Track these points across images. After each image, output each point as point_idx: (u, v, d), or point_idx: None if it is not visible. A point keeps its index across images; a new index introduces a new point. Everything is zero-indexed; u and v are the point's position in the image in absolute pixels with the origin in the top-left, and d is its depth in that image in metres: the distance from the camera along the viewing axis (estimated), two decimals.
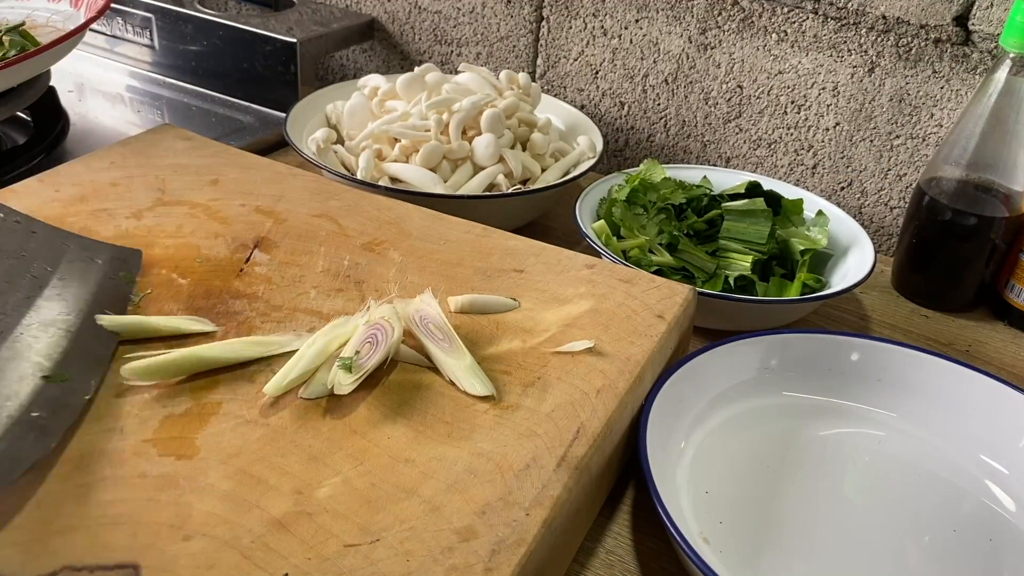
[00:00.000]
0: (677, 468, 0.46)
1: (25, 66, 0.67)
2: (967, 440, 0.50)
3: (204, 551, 0.34)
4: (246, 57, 0.86)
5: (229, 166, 0.61)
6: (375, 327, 0.45)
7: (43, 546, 0.34)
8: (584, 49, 0.83)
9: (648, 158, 0.73)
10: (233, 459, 0.38)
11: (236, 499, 0.36)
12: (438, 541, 0.35)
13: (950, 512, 0.46)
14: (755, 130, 0.78)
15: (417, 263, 0.52)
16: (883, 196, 0.75)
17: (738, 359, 0.51)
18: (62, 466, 0.37)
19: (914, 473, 0.48)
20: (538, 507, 0.37)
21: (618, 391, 0.44)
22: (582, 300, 0.50)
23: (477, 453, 0.39)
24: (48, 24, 0.80)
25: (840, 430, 0.51)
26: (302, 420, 0.41)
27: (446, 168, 0.68)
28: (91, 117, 0.83)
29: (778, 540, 0.44)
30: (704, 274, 0.61)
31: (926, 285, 0.66)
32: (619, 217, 0.63)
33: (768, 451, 0.49)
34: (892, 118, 0.71)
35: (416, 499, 0.37)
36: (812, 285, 0.61)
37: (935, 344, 0.62)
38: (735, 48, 0.76)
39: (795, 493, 0.46)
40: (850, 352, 0.53)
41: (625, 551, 0.44)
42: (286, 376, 0.42)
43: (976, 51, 0.67)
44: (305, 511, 0.36)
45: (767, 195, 0.65)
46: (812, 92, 0.74)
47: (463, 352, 0.44)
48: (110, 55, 0.95)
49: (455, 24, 0.89)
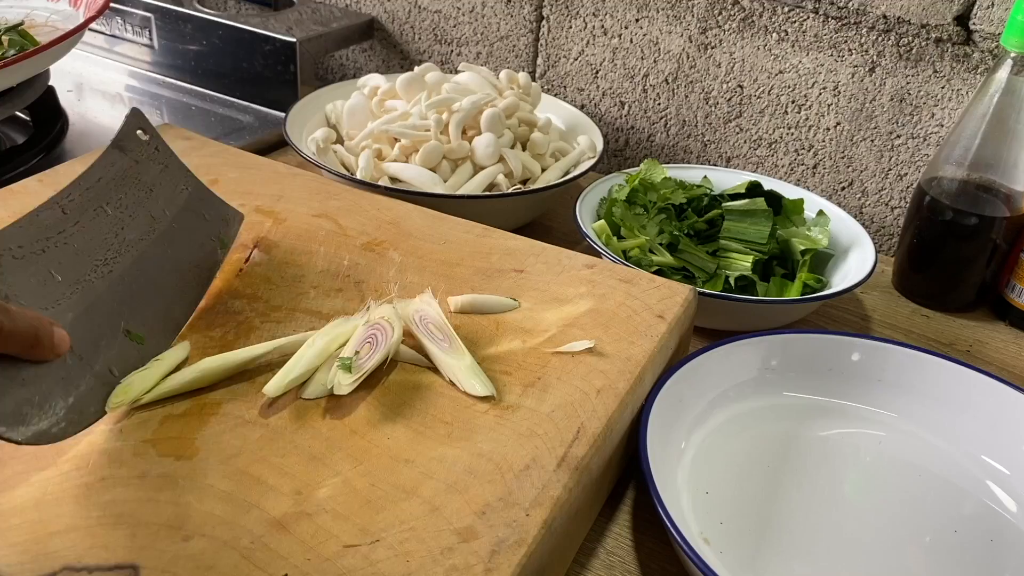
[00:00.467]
0: (677, 468, 0.46)
1: (24, 65, 0.67)
2: (968, 440, 0.50)
3: (203, 552, 0.34)
4: (246, 57, 0.86)
5: (228, 166, 0.61)
6: (375, 327, 0.45)
7: (42, 547, 0.34)
8: (584, 49, 0.83)
9: (648, 158, 0.73)
10: (233, 459, 0.38)
11: (236, 499, 0.36)
12: (438, 542, 0.35)
13: (951, 513, 0.46)
14: (756, 130, 0.78)
15: (417, 263, 0.52)
16: (884, 196, 0.75)
17: (738, 359, 0.51)
18: (62, 466, 0.37)
19: (915, 474, 0.48)
20: (538, 507, 0.37)
21: (618, 391, 0.44)
22: (582, 300, 0.50)
23: (477, 453, 0.39)
24: (47, 23, 0.80)
25: (841, 430, 0.51)
26: (302, 420, 0.41)
27: (446, 168, 0.67)
28: (90, 117, 0.83)
29: (779, 541, 0.43)
30: (704, 274, 0.61)
31: (927, 285, 0.66)
32: (619, 217, 0.63)
33: (769, 451, 0.49)
34: (893, 118, 0.71)
35: (416, 499, 0.37)
36: (813, 285, 0.61)
37: (936, 344, 0.62)
38: (735, 48, 0.76)
39: (796, 494, 0.46)
40: (851, 352, 0.53)
41: (625, 551, 0.44)
42: (286, 377, 0.42)
43: (977, 51, 0.67)
44: (305, 511, 0.36)
45: (768, 195, 0.65)
46: (813, 92, 0.74)
47: (463, 352, 0.44)
48: (109, 55, 0.95)
49: (455, 24, 0.89)
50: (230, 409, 0.41)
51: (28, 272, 0.38)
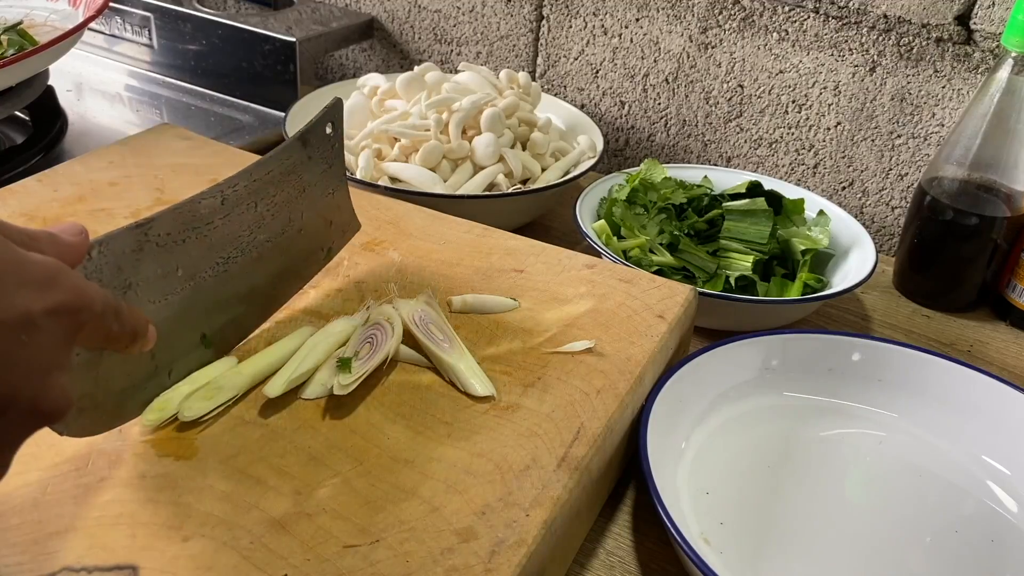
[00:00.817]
0: (678, 469, 0.46)
1: (23, 65, 0.67)
2: (969, 441, 0.50)
3: (203, 552, 0.34)
4: (245, 56, 0.85)
5: (228, 166, 0.61)
6: (374, 327, 0.45)
7: (41, 547, 0.34)
8: (584, 48, 0.83)
9: (648, 158, 0.72)
10: (232, 460, 0.38)
11: (235, 500, 0.36)
12: (438, 542, 0.35)
13: (951, 513, 0.46)
14: (756, 129, 0.78)
15: (417, 263, 0.52)
16: (884, 196, 0.75)
17: (739, 359, 0.51)
18: (61, 466, 0.37)
19: (915, 474, 0.48)
20: (538, 508, 0.37)
21: (618, 391, 0.44)
22: (582, 300, 0.50)
23: (477, 454, 0.39)
24: (46, 23, 0.80)
25: (841, 431, 0.51)
26: (301, 420, 0.41)
27: (446, 168, 0.67)
28: (89, 117, 0.83)
29: (779, 541, 0.43)
30: (705, 274, 0.61)
31: (927, 285, 0.66)
32: (619, 217, 0.63)
33: (769, 451, 0.49)
34: (893, 117, 0.71)
35: (416, 500, 0.37)
36: (813, 285, 0.61)
37: (936, 344, 0.62)
38: (736, 47, 0.76)
39: (796, 494, 0.46)
40: (851, 352, 0.53)
41: (625, 552, 0.44)
42: (285, 377, 0.42)
43: (978, 50, 0.67)
44: (304, 512, 0.36)
45: (768, 195, 0.65)
46: (813, 91, 0.74)
47: (463, 352, 0.44)
48: (109, 54, 0.94)
49: (455, 23, 0.89)
50: (229, 409, 0.41)
51: (159, 262, 0.37)
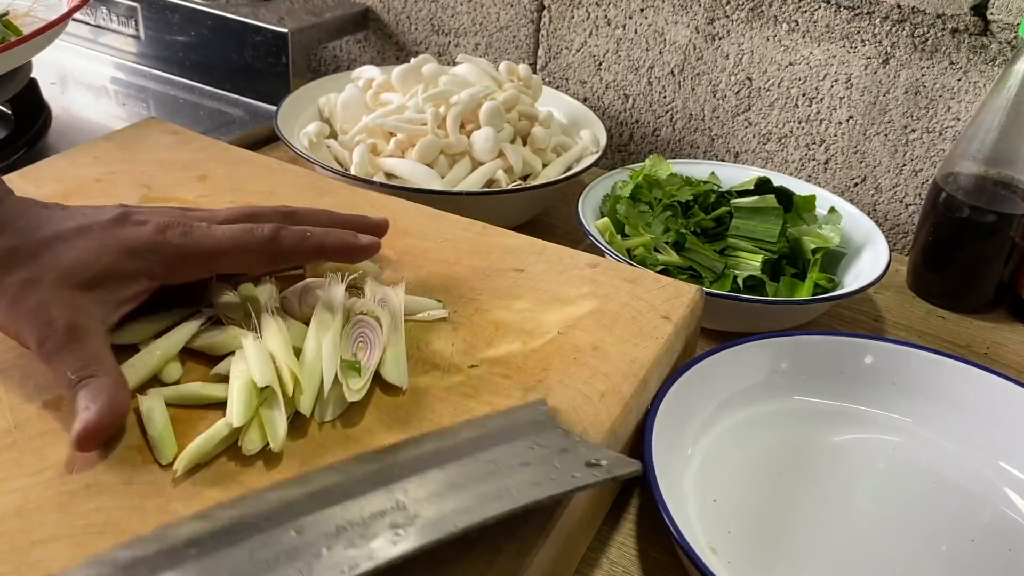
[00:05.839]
0: (684, 475, 0.46)
1: (5, 57, 0.67)
2: (985, 446, 0.49)
3: None
4: (235, 48, 0.86)
5: (218, 161, 0.61)
6: (360, 326, 0.44)
7: (24, 556, 0.33)
8: (587, 40, 0.83)
9: (654, 153, 0.74)
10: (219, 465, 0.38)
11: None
12: (435, 551, 0.34)
13: (968, 521, 0.46)
14: (765, 124, 0.78)
15: (413, 262, 0.52)
16: (898, 192, 0.74)
17: (747, 362, 0.51)
18: (44, 472, 0.37)
19: (930, 481, 0.48)
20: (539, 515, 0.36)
21: (622, 395, 0.43)
22: (585, 300, 0.50)
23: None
24: (29, 13, 0.79)
25: (853, 436, 0.51)
26: (294, 426, 0.40)
27: (443, 163, 0.67)
28: (74, 110, 0.83)
29: (789, 550, 0.43)
30: (712, 274, 0.61)
31: (943, 285, 0.66)
32: (623, 214, 0.63)
33: (778, 458, 0.49)
34: (907, 111, 0.71)
35: None
36: (824, 285, 0.61)
37: (952, 346, 0.62)
38: (744, 38, 0.76)
39: (806, 502, 0.46)
40: (864, 355, 0.52)
41: (630, 561, 0.43)
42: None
43: (995, 41, 0.66)
44: None
45: (777, 191, 0.66)
46: (824, 84, 0.74)
47: (400, 342, 0.44)
48: (94, 46, 0.94)
49: (453, 13, 0.89)
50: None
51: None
